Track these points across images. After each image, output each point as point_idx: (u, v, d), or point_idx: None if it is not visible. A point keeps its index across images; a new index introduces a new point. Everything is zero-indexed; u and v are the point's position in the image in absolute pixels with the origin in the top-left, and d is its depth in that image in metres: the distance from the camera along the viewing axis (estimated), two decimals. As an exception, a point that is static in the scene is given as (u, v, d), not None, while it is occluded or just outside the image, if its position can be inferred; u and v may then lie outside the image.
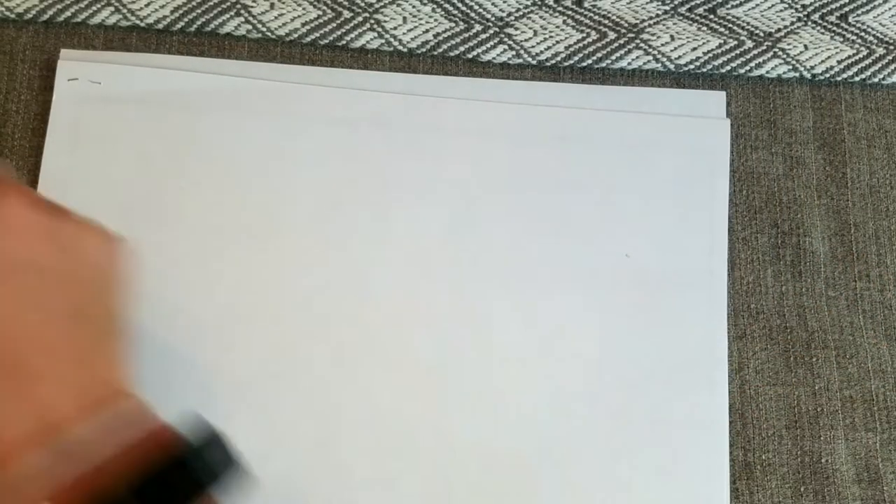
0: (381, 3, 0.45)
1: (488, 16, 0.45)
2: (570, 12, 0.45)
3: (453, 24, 0.45)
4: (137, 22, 0.44)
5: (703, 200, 0.43)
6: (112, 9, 0.44)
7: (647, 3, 0.46)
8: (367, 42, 0.44)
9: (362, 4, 0.45)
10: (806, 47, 0.45)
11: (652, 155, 0.43)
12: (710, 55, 0.44)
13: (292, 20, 0.44)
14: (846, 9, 0.46)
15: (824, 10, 0.46)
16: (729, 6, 0.46)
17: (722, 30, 0.45)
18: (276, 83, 0.43)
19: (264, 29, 0.44)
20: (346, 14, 0.44)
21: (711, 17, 0.45)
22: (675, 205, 0.43)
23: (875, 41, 0.45)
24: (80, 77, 0.42)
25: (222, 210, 0.41)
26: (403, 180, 0.42)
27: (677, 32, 0.45)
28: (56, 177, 0.41)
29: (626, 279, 0.42)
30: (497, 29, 0.45)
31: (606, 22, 0.45)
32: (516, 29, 0.45)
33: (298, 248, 0.41)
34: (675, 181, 0.43)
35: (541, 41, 0.44)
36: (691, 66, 0.44)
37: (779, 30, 0.45)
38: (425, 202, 0.42)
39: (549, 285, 0.41)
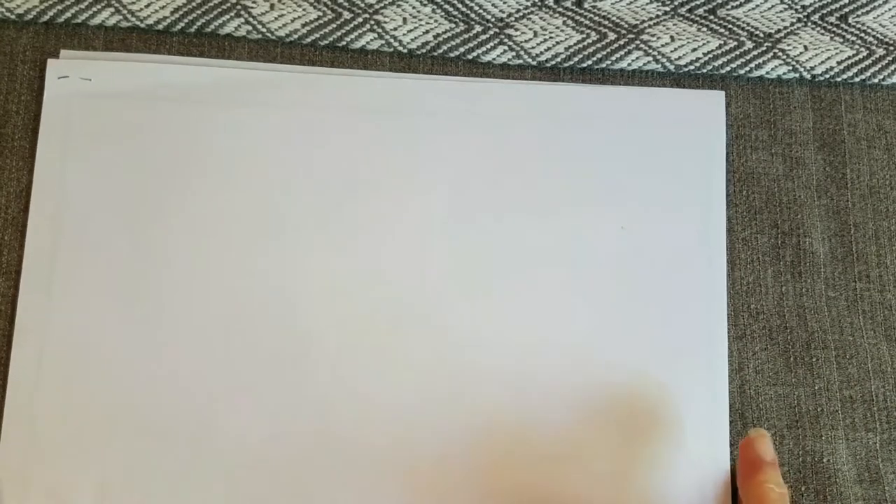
0: (381, 4, 0.45)
1: (488, 17, 0.45)
2: (570, 13, 0.45)
3: (453, 25, 0.45)
4: (137, 23, 0.44)
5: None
6: (112, 9, 0.43)
7: (647, 3, 0.46)
8: (368, 43, 0.44)
9: (362, 5, 0.45)
10: (806, 48, 0.45)
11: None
12: (710, 56, 0.44)
13: (292, 21, 0.44)
14: (846, 9, 0.46)
15: (824, 11, 0.46)
16: (729, 7, 0.46)
17: (722, 30, 0.45)
18: (270, 73, 0.43)
19: (264, 30, 0.44)
20: (347, 15, 0.44)
21: (711, 17, 0.46)
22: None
23: (875, 42, 0.45)
24: (70, 74, 0.42)
25: (219, 204, 0.41)
26: (401, 163, 0.42)
27: (677, 33, 0.45)
28: (49, 175, 0.41)
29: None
30: (497, 30, 0.45)
31: (606, 23, 0.45)
32: (516, 30, 0.45)
33: (297, 240, 0.41)
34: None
35: (541, 42, 0.44)
36: (691, 67, 0.44)
37: (779, 30, 0.45)
38: (422, 185, 0.42)
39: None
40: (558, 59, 0.44)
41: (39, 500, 0.38)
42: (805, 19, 0.46)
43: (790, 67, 0.45)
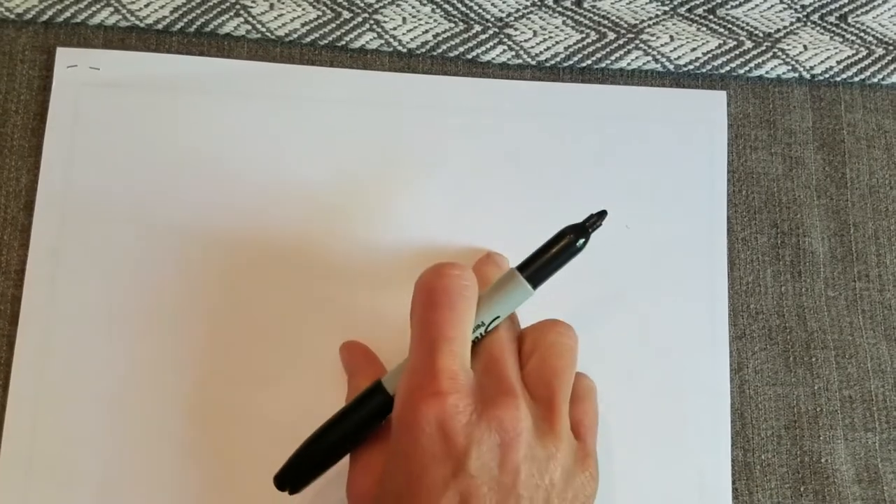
0: (381, 4, 0.45)
1: (488, 16, 0.45)
2: (569, 13, 0.45)
3: (453, 25, 0.45)
4: (137, 22, 0.44)
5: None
6: (112, 9, 0.44)
7: (646, 3, 0.46)
8: (367, 42, 0.44)
9: (362, 5, 0.45)
10: (805, 48, 0.45)
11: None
12: (710, 55, 0.44)
13: (292, 20, 0.44)
14: (846, 9, 0.46)
15: (824, 11, 0.46)
16: (728, 6, 0.46)
17: (721, 30, 0.45)
18: (276, 66, 0.43)
19: (264, 29, 0.44)
20: (346, 14, 0.44)
21: (711, 17, 0.46)
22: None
23: (874, 41, 0.45)
24: (78, 63, 0.43)
25: (225, 195, 0.42)
26: (400, 161, 0.42)
27: (677, 33, 0.45)
28: (57, 165, 0.41)
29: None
30: (497, 29, 0.45)
31: (606, 22, 0.45)
32: (516, 29, 0.45)
33: (299, 229, 0.41)
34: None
35: (540, 41, 0.44)
36: (691, 67, 0.44)
37: (778, 30, 0.45)
38: (421, 183, 0.42)
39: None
40: (558, 59, 0.44)
41: (41, 496, 0.38)
42: (805, 19, 0.46)
43: (790, 67, 0.45)
